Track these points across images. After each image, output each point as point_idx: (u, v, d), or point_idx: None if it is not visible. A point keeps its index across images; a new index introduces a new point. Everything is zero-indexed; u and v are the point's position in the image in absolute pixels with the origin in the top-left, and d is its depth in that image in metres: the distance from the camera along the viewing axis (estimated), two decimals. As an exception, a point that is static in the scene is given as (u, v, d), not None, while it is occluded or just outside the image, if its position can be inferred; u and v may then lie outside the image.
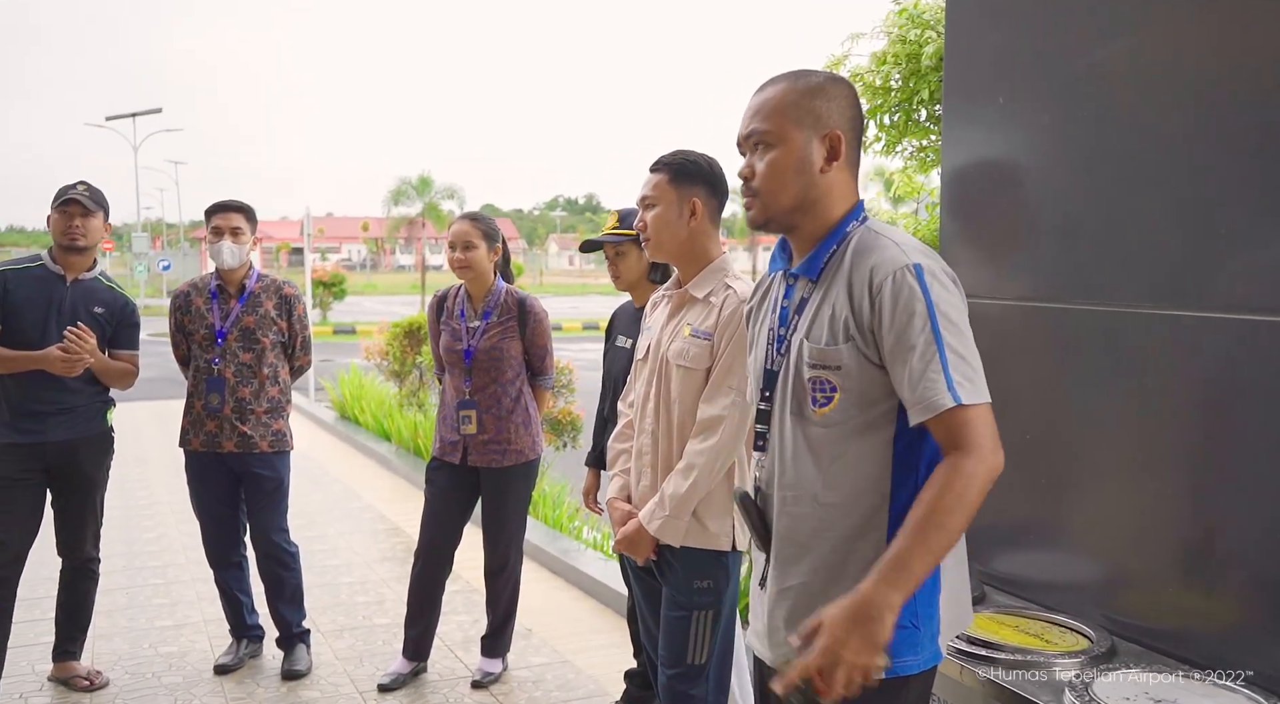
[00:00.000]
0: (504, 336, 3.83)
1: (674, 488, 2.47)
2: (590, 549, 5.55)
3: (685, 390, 2.50)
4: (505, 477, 3.86)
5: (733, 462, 2.49)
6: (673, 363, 2.53)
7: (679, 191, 2.56)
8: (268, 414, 4.02)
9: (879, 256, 1.63)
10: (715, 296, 2.53)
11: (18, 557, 3.66)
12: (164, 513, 6.75)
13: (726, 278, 2.57)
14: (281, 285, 4.13)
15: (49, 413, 3.65)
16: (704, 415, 2.47)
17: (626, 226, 3.35)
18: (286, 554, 4.08)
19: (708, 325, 2.50)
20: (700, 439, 2.46)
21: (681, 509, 2.46)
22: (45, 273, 3.71)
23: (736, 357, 2.44)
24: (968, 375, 1.56)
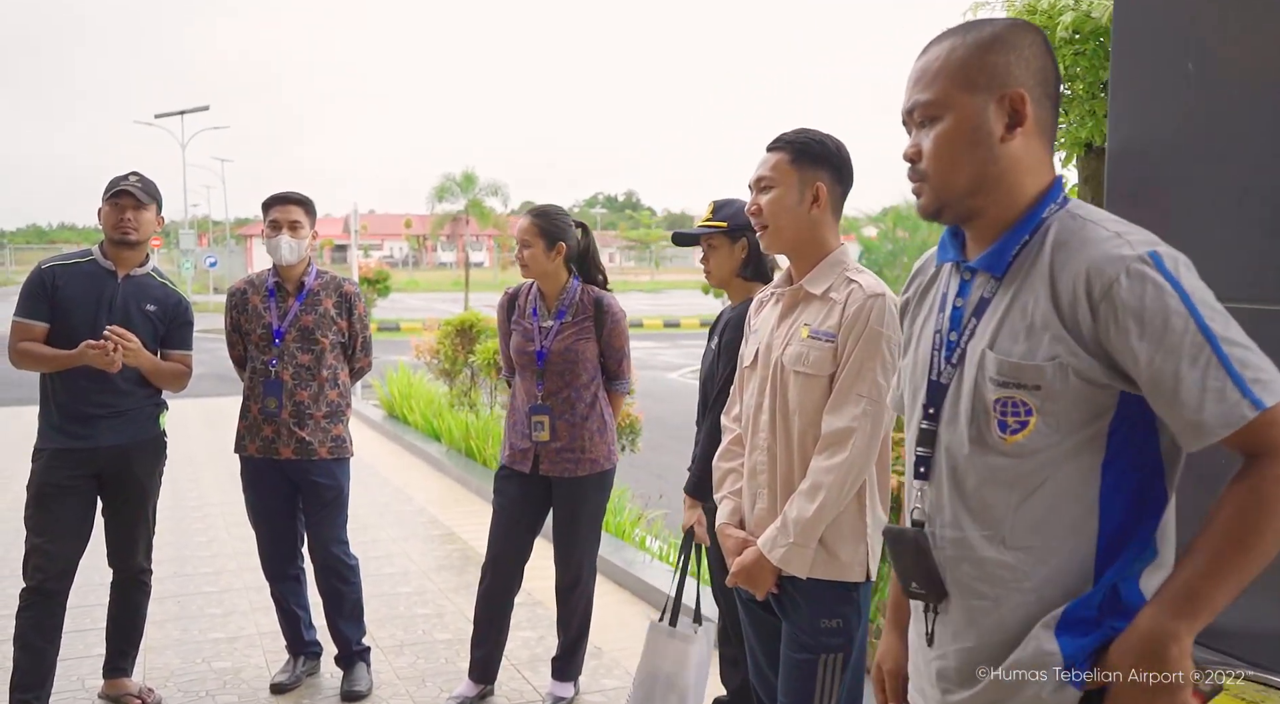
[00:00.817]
0: (579, 337, 3.57)
1: (798, 511, 2.19)
2: (657, 560, 5.28)
3: (805, 400, 2.23)
4: (579, 487, 3.60)
5: (864, 480, 2.21)
6: (789, 369, 2.25)
7: (801, 174, 2.28)
8: (327, 419, 3.80)
9: (1095, 251, 1.32)
10: (836, 292, 2.25)
11: (66, 569, 3.47)
12: (215, 517, 6.58)
13: (847, 271, 2.29)
14: (342, 282, 3.90)
15: (99, 416, 3.45)
16: (830, 428, 2.19)
17: (721, 218, 3.08)
18: (346, 567, 3.85)
19: (829, 325, 2.22)
20: (826, 455, 2.18)
21: (808, 535, 2.18)
22: (96, 268, 3.51)
23: (866, 360, 2.17)
24: (1259, 369, 1.26)
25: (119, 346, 3.33)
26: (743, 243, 3.10)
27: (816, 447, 2.20)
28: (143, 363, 3.46)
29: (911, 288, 1.66)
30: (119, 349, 3.35)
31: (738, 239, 3.10)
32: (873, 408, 2.16)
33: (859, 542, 2.23)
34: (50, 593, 3.43)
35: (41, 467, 3.45)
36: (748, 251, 3.11)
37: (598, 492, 3.65)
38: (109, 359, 3.31)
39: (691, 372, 17.85)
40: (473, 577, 5.26)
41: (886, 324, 2.18)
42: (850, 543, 2.22)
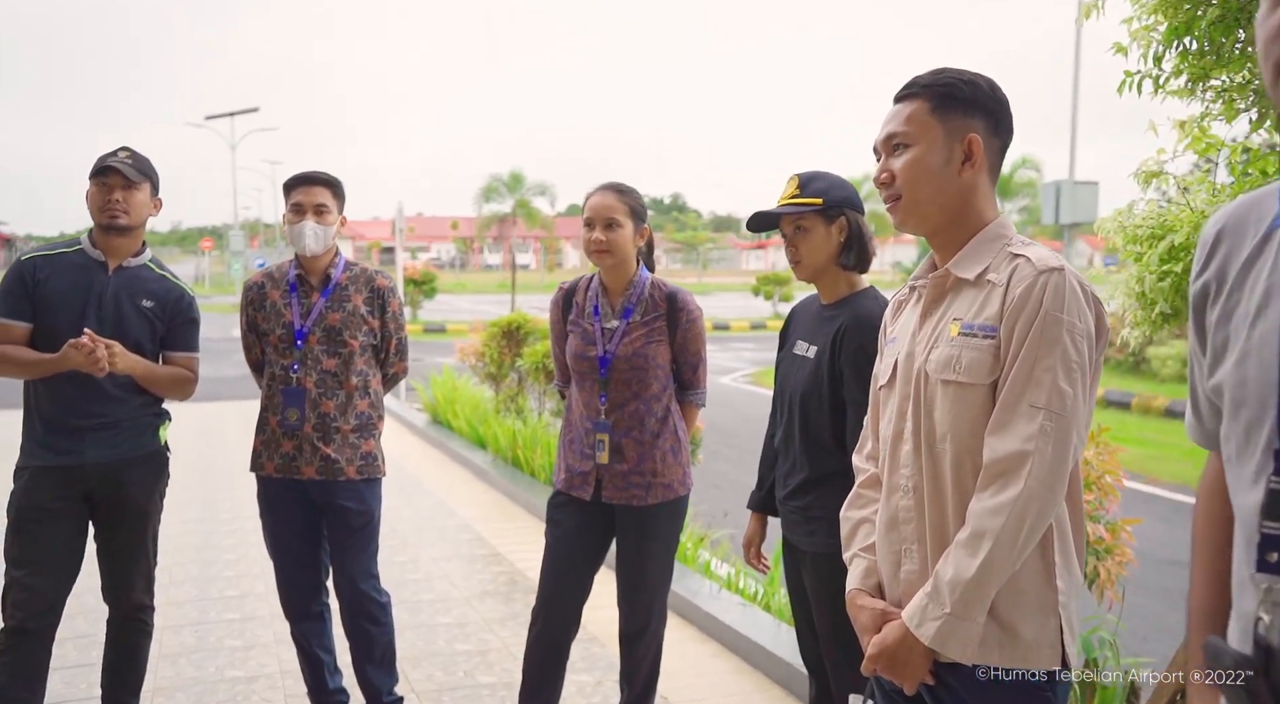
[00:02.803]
0: (649, 340, 3.01)
1: (956, 570, 1.60)
2: (726, 590, 4.71)
3: (959, 418, 1.65)
4: (648, 518, 3.04)
5: (1048, 524, 1.63)
6: (935, 378, 1.69)
7: (947, 125, 1.71)
8: (356, 433, 3.28)
9: None
10: (996, 273, 1.68)
11: (52, 606, 2.98)
12: (249, 532, 6.11)
13: (1010, 245, 1.71)
14: (374, 275, 3.38)
15: (88, 428, 2.97)
16: (995, 454, 1.60)
17: (813, 193, 2.51)
18: (376, 606, 3.33)
19: (988, 316, 1.65)
20: (991, 492, 1.60)
21: (971, 603, 1.59)
22: (84, 259, 3.03)
23: (1042, 357, 1.59)
24: None
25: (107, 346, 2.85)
26: (841, 223, 2.53)
27: (979, 481, 1.63)
28: (133, 368, 2.96)
29: (1221, 250, 1.10)
30: (110, 349, 2.87)
31: (834, 218, 2.53)
32: (1055, 423, 1.58)
33: (1047, 613, 1.63)
34: (32, 634, 2.95)
35: (22, 488, 2.97)
36: (847, 234, 2.54)
37: (670, 522, 3.09)
38: (94, 361, 2.82)
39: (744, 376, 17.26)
40: (521, 606, 4.74)
41: (1068, 307, 1.60)
42: (1035, 615, 1.63)
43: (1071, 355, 1.59)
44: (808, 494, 2.51)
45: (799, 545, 2.56)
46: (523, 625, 4.46)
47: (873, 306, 2.47)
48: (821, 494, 2.48)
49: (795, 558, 2.61)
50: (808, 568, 2.54)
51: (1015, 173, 31.80)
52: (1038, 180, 30.46)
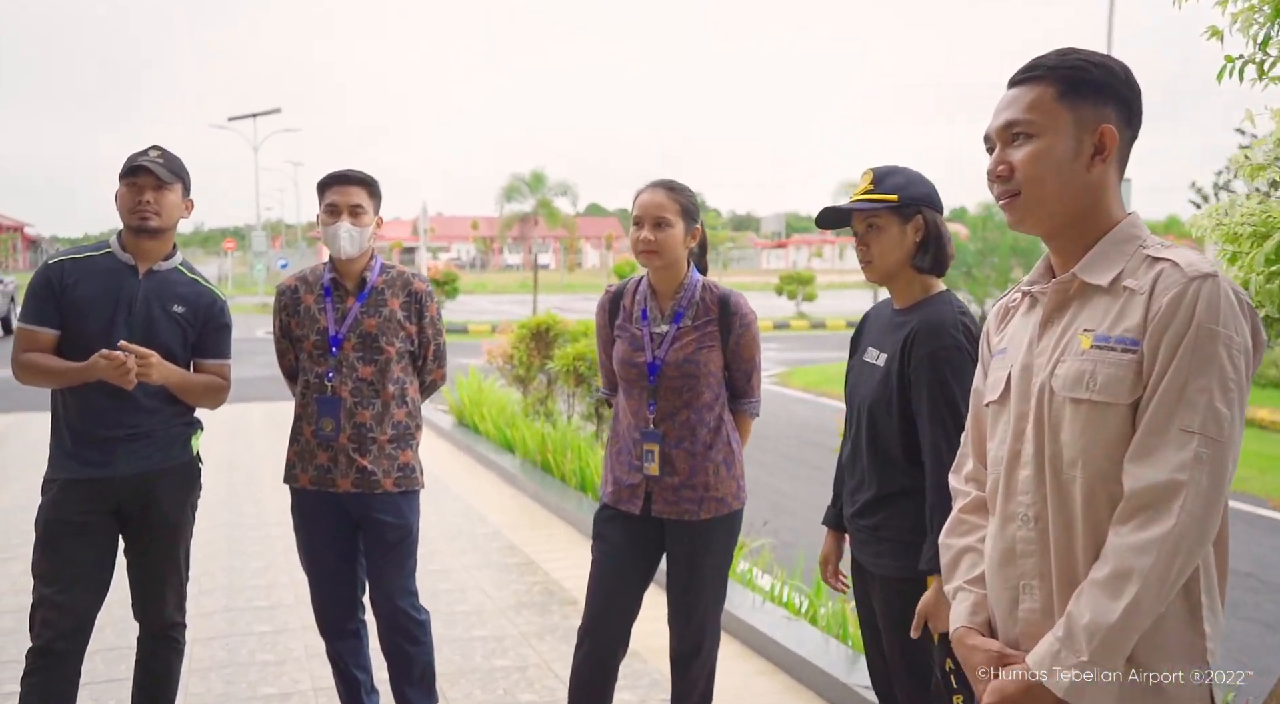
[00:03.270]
0: (701, 346, 2.86)
1: (1095, 612, 1.43)
2: (769, 602, 4.55)
3: (1093, 441, 1.48)
4: (702, 533, 2.89)
5: (1195, 565, 1.45)
6: (1063, 396, 1.52)
7: (1077, 114, 1.55)
8: (393, 444, 3.15)
9: None
10: (1135, 279, 1.51)
11: (81, 625, 2.86)
12: (275, 539, 6.00)
13: (1146, 247, 1.55)
14: (410, 279, 3.24)
15: (117, 439, 2.85)
16: (1140, 483, 1.44)
17: (888, 189, 2.35)
18: (415, 624, 3.19)
19: (1128, 327, 1.48)
20: (1136, 525, 1.43)
21: (1112, 651, 1.42)
22: (113, 263, 2.91)
23: (1195, 376, 1.42)
24: None
25: (139, 360, 2.73)
26: (917, 222, 2.37)
27: (1118, 513, 1.46)
28: (169, 378, 2.84)
29: None
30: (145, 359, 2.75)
31: (911, 217, 2.36)
32: (1210, 450, 1.41)
33: (1193, 661, 1.46)
34: (62, 654, 2.83)
35: (50, 501, 2.85)
36: (923, 234, 2.37)
37: (725, 538, 2.93)
38: (123, 373, 2.69)
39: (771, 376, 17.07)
40: (558, 618, 4.60)
41: (1224, 318, 1.43)
42: (1180, 663, 1.46)
43: (1229, 373, 1.42)
44: (876, 513, 2.36)
45: (867, 566, 2.40)
46: (561, 639, 4.33)
47: (945, 311, 2.31)
48: (890, 513, 2.33)
49: (863, 579, 2.45)
50: (876, 591, 2.38)
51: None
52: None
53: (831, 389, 14.87)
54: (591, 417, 7.91)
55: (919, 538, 2.23)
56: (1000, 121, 1.60)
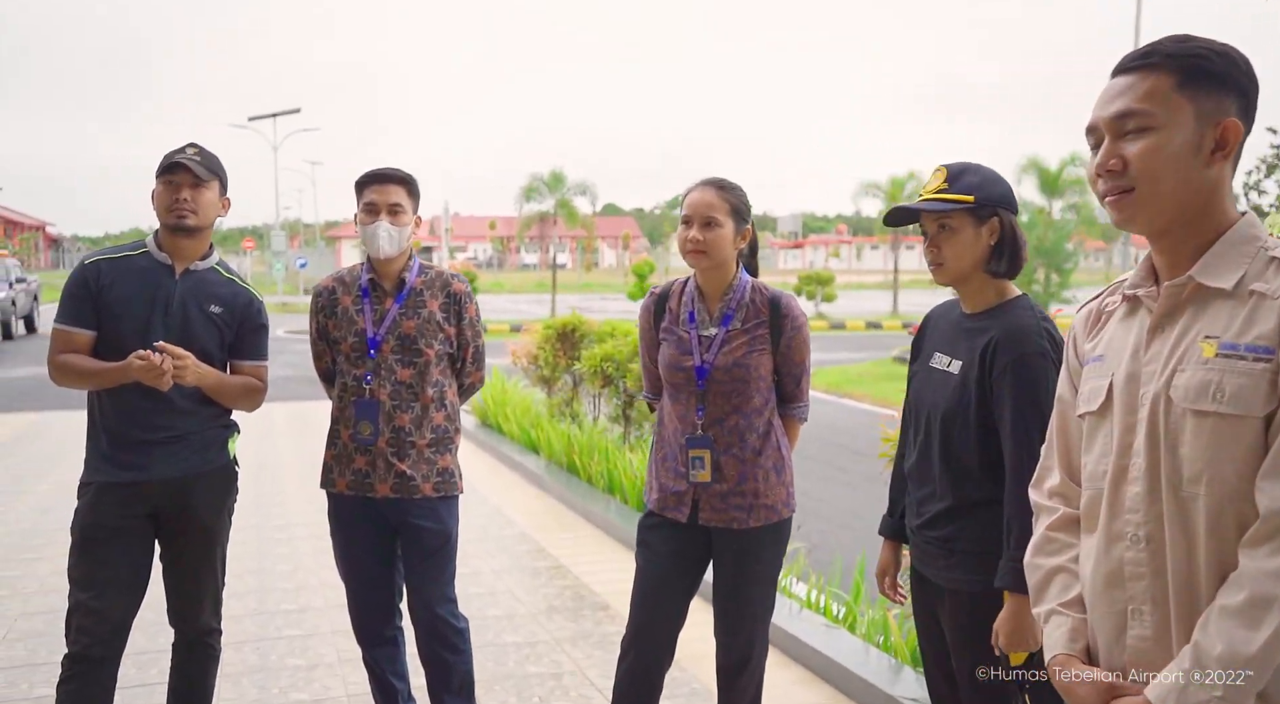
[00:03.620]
0: (751, 349, 2.78)
1: (1229, 644, 1.34)
2: (806, 609, 4.46)
3: (1219, 456, 1.39)
4: (750, 541, 2.81)
5: None
6: (1183, 408, 1.42)
7: (1198, 106, 1.45)
8: (432, 448, 3.08)
9: None
10: (1265, 282, 1.41)
11: (117, 631, 2.81)
12: (301, 541, 5.96)
13: (1269, 248, 1.45)
14: (450, 279, 3.18)
15: (154, 442, 2.79)
16: (1278, 503, 1.35)
17: (963, 189, 2.26)
18: (454, 631, 3.12)
19: (1260, 334, 1.39)
20: (1274, 548, 1.33)
21: (1247, 685, 1.33)
22: (150, 262, 2.86)
23: None
24: None
25: (174, 361, 2.67)
26: (993, 224, 2.27)
27: (1251, 534, 1.36)
28: (205, 380, 2.79)
29: None
30: (181, 361, 2.70)
31: (986, 219, 2.27)
32: None
33: None
34: (98, 660, 2.78)
35: (86, 504, 2.80)
36: (998, 236, 2.28)
37: (774, 546, 2.85)
38: (158, 375, 2.64)
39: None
40: (590, 624, 4.53)
41: None
42: None
43: None
44: (949, 524, 2.27)
45: (935, 580, 2.31)
46: (595, 645, 4.26)
47: (1027, 317, 2.22)
48: (965, 525, 2.24)
49: (928, 592, 2.37)
50: (945, 605, 2.30)
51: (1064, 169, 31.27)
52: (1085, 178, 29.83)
53: (853, 390, 14.75)
54: (619, 418, 7.83)
55: (995, 551, 2.15)
56: (1111, 111, 1.48)
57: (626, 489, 6.59)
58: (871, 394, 14.64)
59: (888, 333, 26.19)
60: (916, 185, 33.56)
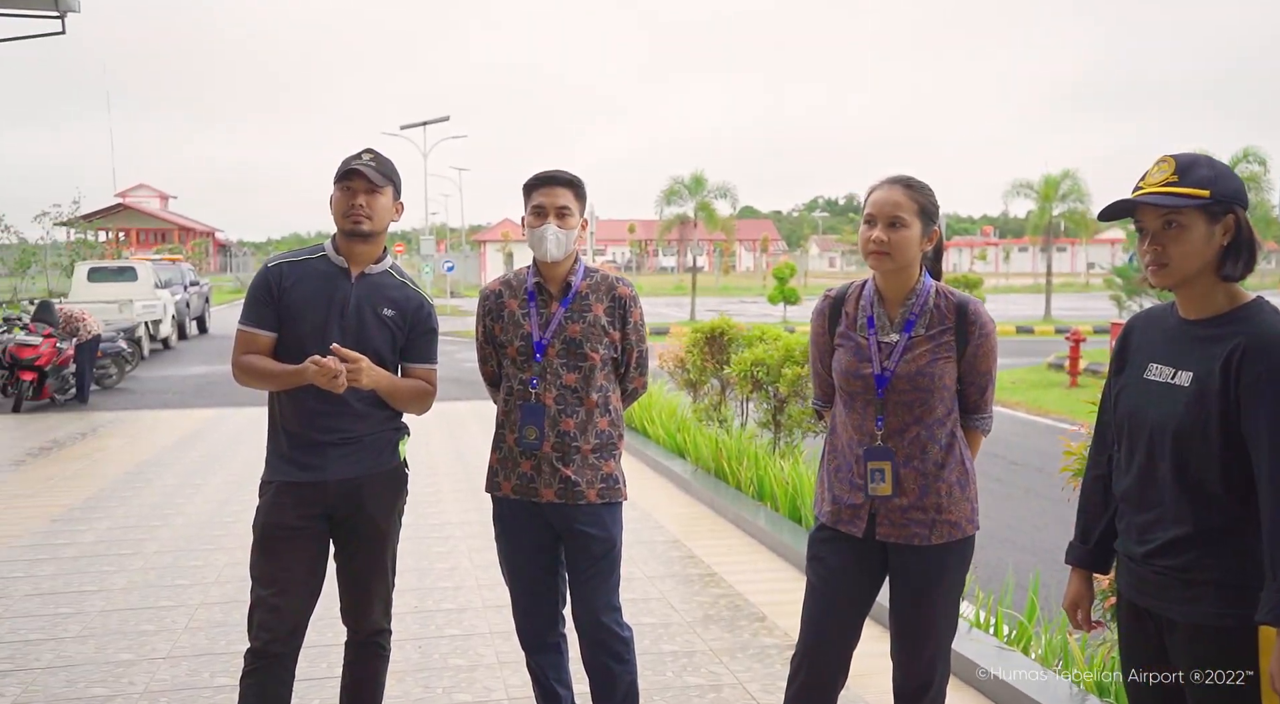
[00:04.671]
0: (935, 356, 2.63)
1: None
2: (978, 629, 4.24)
3: None
4: (930, 559, 2.66)
5: None
6: None
7: None
8: (596, 454, 3.04)
9: None
10: None
11: (295, 629, 2.88)
12: (458, 539, 6.06)
13: None
14: (615, 283, 3.13)
15: (330, 444, 2.85)
16: None
17: (1194, 184, 2.05)
18: (620, 641, 3.08)
19: None
20: None
21: None
22: (327, 266, 2.91)
23: None
24: None
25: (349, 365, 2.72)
26: (1228, 222, 2.05)
27: None
28: (379, 384, 2.82)
29: None
30: (356, 364, 2.74)
31: (1220, 216, 2.05)
32: None
33: None
34: (278, 656, 2.85)
35: (267, 504, 2.87)
36: (1233, 236, 2.06)
37: (958, 566, 2.69)
38: (332, 378, 2.68)
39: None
40: (747, 635, 4.43)
41: None
42: None
43: None
44: (1187, 552, 2.05)
45: (1165, 613, 2.09)
46: (754, 658, 4.16)
47: (1276, 322, 2.00)
48: (1208, 553, 2.01)
49: (1150, 627, 2.16)
50: (1181, 642, 2.07)
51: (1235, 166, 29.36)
52: (1260, 175, 27.97)
53: (1007, 398, 14.18)
54: (769, 424, 7.69)
55: (1249, 581, 1.94)
56: None
57: (778, 496, 6.45)
58: (1026, 402, 14.05)
59: (1040, 338, 25.12)
60: (1072, 184, 32.10)
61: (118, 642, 4.34)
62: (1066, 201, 32.26)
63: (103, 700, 3.75)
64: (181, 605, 4.81)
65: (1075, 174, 32.08)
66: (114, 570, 5.39)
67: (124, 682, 3.91)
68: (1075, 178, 32.05)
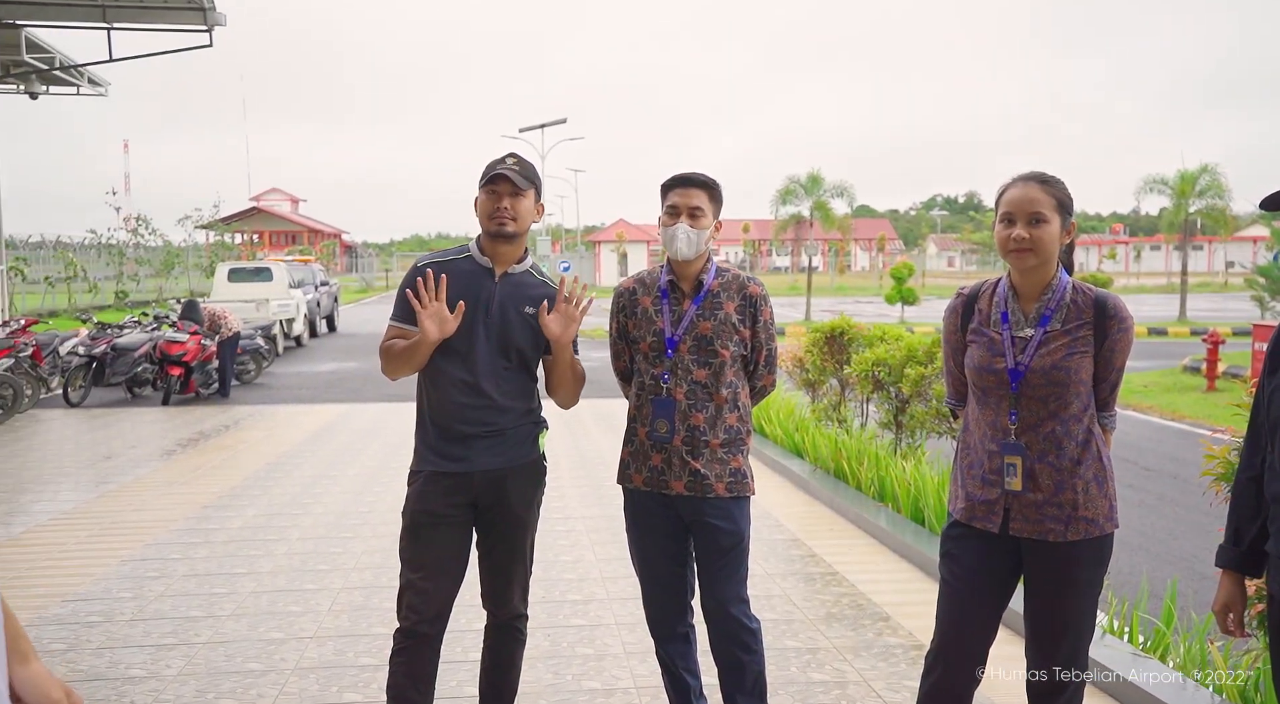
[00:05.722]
0: (1072, 351, 2.61)
1: None
2: (1110, 635, 4.14)
3: None
4: (1066, 556, 2.64)
5: None
6: None
7: None
8: (725, 448, 3.11)
9: None
10: None
11: (441, 611, 3.03)
12: (580, 533, 6.21)
13: None
14: (746, 282, 3.20)
15: (475, 436, 2.99)
16: None
17: None
18: (748, 632, 3.14)
19: None
20: None
21: None
22: (473, 266, 3.06)
23: None
24: None
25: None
26: None
27: None
28: (572, 340, 3.06)
29: None
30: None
31: None
32: None
33: None
34: (424, 638, 3.01)
35: (416, 492, 3.03)
36: None
37: (1095, 563, 2.66)
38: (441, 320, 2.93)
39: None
40: (871, 634, 4.43)
41: None
42: None
43: None
44: None
45: None
46: (878, 657, 4.17)
47: None
48: None
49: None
50: None
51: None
52: None
53: (1139, 401, 13.68)
54: (890, 424, 7.63)
55: None
56: None
57: (899, 497, 6.40)
58: (1160, 406, 13.51)
59: (1174, 341, 24.06)
60: (1210, 180, 30.63)
61: (268, 621, 4.60)
62: (1204, 198, 30.80)
63: (258, 674, 4.00)
64: (324, 589, 5.07)
65: (1214, 169, 30.60)
66: (261, 554, 5.71)
67: (276, 658, 4.16)
68: (1214, 173, 30.56)
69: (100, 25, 13.38)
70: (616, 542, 5.89)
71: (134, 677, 3.98)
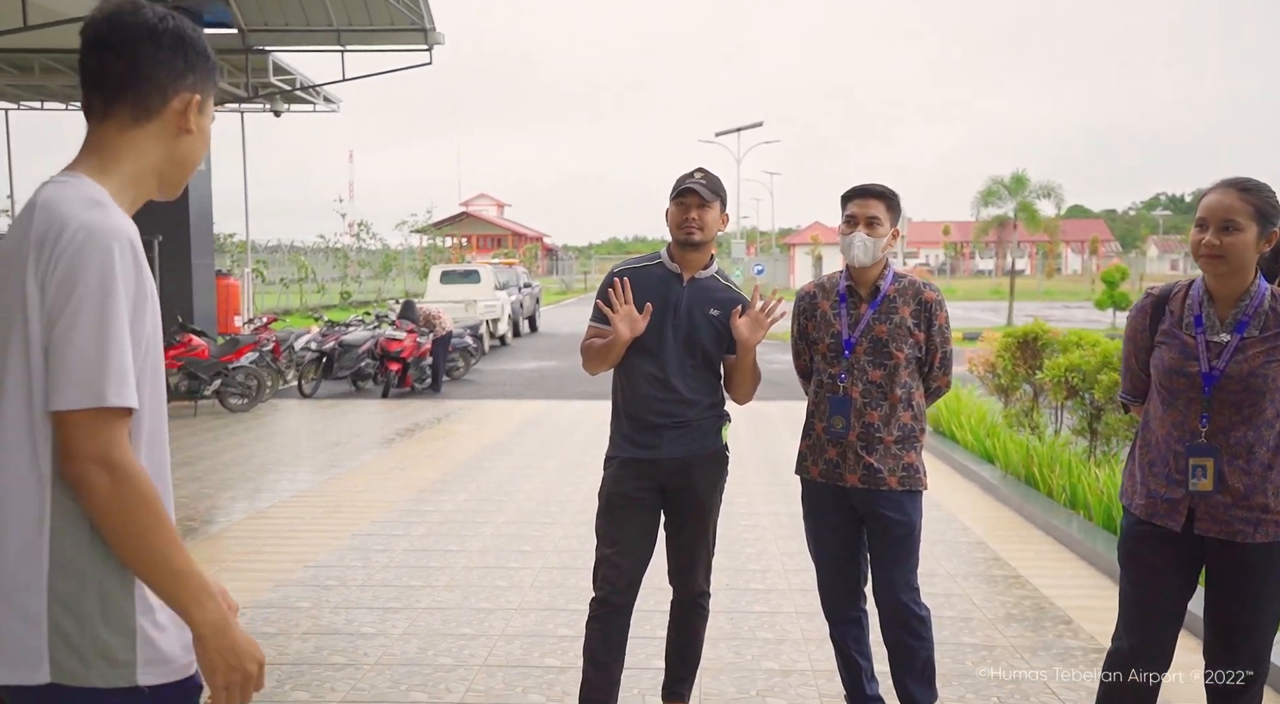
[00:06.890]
0: (1270, 359, 2.65)
1: None
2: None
3: None
4: (1253, 557, 2.68)
5: None
6: None
7: None
8: (898, 444, 3.29)
9: None
10: None
11: (632, 583, 3.35)
12: (765, 528, 6.45)
13: None
14: (921, 288, 3.37)
15: (664, 426, 3.29)
16: None
17: None
18: (917, 619, 3.31)
19: None
20: None
21: None
22: (663, 272, 3.36)
23: None
24: None
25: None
26: None
27: None
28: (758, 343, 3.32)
29: None
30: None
31: None
32: None
33: None
34: (617, 606, 3.34)
35: (611, 475, 3.37)
36: None
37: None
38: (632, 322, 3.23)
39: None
40: (1051, 635, 4.47)
41: None
42: None
43: None
44: None
45: None
46: (1056, 658, 4.21)
47: None
48: None
49: None
50: None
51: None
52: None
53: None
54: (1084, 431, 7.46)
55: None
56: None
57: (1091, 505, 6.29)
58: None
59: None
60: None
61: (478, 593, 5.09)
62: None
63: (470, 637, 4.46)
64: (526, 567, 5.53)
65: None
66: (470, 535, 6.25)
67: (485, 625, 4.62)
68: None
69: (336, 48, 14.67)
70: (799, 537, 6.04)
71: (366, 633, 4.52)
